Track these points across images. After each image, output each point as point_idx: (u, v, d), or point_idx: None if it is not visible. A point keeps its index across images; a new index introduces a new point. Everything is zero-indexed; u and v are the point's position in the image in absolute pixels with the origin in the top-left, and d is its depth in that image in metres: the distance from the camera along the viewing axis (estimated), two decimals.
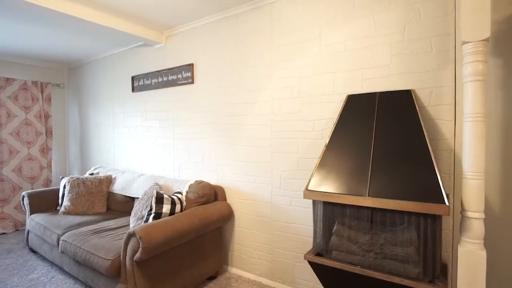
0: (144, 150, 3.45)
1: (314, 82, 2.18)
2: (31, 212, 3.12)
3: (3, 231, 3.82)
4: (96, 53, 3.95)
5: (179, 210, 2.29)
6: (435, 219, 1.43)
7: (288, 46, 2.29)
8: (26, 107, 4.19)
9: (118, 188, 3.17)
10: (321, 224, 1.82)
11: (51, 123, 4.47)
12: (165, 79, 3.17)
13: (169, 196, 2.29)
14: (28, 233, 3.12)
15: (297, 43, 2.25)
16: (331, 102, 2.12)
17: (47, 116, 4.41)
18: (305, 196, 1.76)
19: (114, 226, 2.56)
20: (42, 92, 4.35)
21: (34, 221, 2.92)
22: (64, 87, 4.76)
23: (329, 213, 1.77)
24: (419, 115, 1.63)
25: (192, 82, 2.92)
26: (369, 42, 1.96)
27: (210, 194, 2.46)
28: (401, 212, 1.51)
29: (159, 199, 2.20)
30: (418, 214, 1.46)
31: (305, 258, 1.75)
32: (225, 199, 2.65)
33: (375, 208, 1.58)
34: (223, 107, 2.70)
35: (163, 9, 2.61)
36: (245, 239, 2.59)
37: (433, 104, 1.76)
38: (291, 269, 2.33)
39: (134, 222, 2.43)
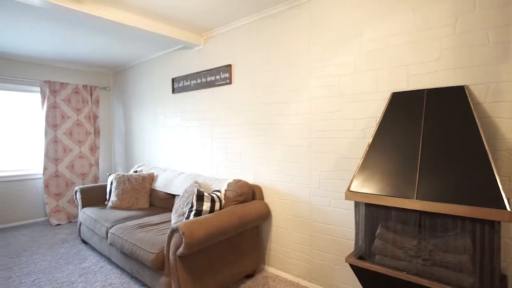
0: (184, 149, 3.58)
1: (355, 80, 2.12)
2: (83, 206, 3.38)
3: (58, 222, 4.18)
4: (139, 57, 4.17)
5: (218, 208, 2.35)
6: (494, 225, 1.32)
7: (327, 44, 2.25)
8: (77, 109, 4.54)
9: (159, 185, 3.32)
10: (363, 226, 1.76)
11: (99, 124, 4.80)
12: (203, 80, 3.26)
13: (209, 194, 2.36)
14: (80, 225, 3.38)
15: (337, 40, 2.20)
16: (373, 100, 2.04)
17: (95, 117, 4.74)
18: (347, 198, 1.71)
19: (157, 222, 2.69)
20: (91, 95, 4.69)
21: (86, 214, 3.16)
22: (110, 90, 5.09)
23: (372, 215, 1.71)
24: (474, 113, 1.51)
25: (230, 83, 2.97)
26: (415, 36, 1.86)
27: (248, 193, 2.49)
28: (454, 217, 1.41)
29: (200, 197, 2.27)
30: (473, 220, 1.36)
31: (346, 261, 1.71)
32: (262, 198, 2.67)
33: (423, 211, 1.50)
34: (260, 107, 2.72)
35: (203, 12, 2.69)
36: (282, 239, 2.59)
37: (490, 100, 1.62)
38: (330, 272, 2.28)
39: (175, 218, 2.52)
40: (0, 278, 2.59)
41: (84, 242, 3.42)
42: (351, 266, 1.70)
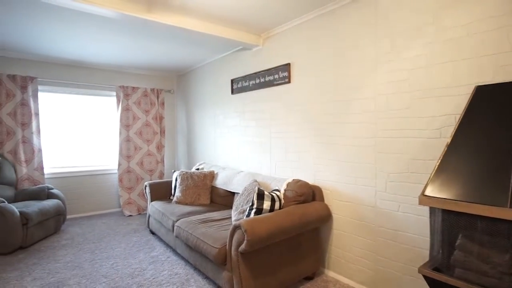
0: (242, 148, 3.66)
1: (429, 74, 1.93)
2: (151, 199, 3.67)
3: (130, 214, 4.61)
4: (200, 61, 4.39)
5: (278, 208, 2.35)
6: None
7: (395, 36, 2.09)
8: (146, 110, 4.95)
9: (220, 182, 3.45)
10: (440, 235, 1.59)
11: (164, 124, 5.18)
12: (262, 80, 3.29)
13: (269, 193, 2.37)
14: (149, 217, 3.68)
15: (407, 31, 2.03)
16: (451, 95, 1.84)
17: (161, 118, 5.13)
18: (421, 203, 1.57)
19: (218, 218, 2.79)
20: (157, 97, 5.08)
21: (154, 207, 3.43)
22: (174, 92, 5.46)
23: (451, 223, 1.54)
24: None
25: (289, 82, 2.95)
26: (505, 20, 1.62)
27: (308, 194, 2.44)
28: None
29: (260, 196, 2.29)
30: None
31: (420, 272, 1.56)
32: (322, 199, 2.59)
33: None
34: (320, 106, 2.65)
35: (262, 13, 2.71)
36: (344, 242, 2.48)
37: None
38: (397, 281, 2.12)
39: (236, 215, 2.59)
40: (87, 259, 2.95)
41: (152, 233, 3.72)
42: (426, 278, 1.55)
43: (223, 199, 3.42)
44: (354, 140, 2.38)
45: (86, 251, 3.17)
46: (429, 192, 1.56)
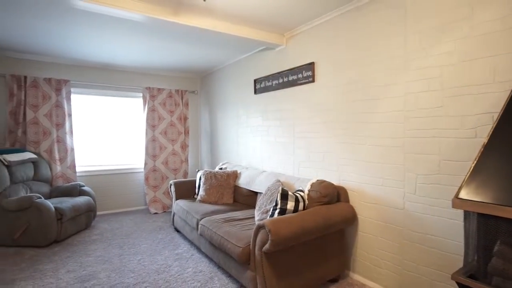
0: (265, 148, 3.66)
1: (463, 71, 1.83)
2: (176, 198, 3.76)
3: (155, 211, 4.74)
4: (224, 61, 4.43)
5: (302, 208, 2.33)
6: None
7: (426, 32, 2.01)
8: (171, 111, 5.08)
9: (243, 182, 3.48)
10: (475, 240, 1.51)
11: (188, 124, 5.29)
12: (285, 79, 3.28)
13: (293, 193, 2.35)
14: (173, 215, 3.77)
15: (439, 27, 1.94)
16: (487, 93, 1.74)
17: (185, 118, 5.24)
18: (455, 206, 1.49)
19: (242, 217, 2.81)
20: (182, 98, 5.19)
21: (179, 206, 3.50)
22: (197, 93, 5.56)
23: (488, 228, 1.45)
24: None
25: (313, 81, 2.91)
26: None
27: (333, 195, 2.40)
28: None
29: (284, 196, 2.28)
30: None
31: (453, 278, 1.49)
32: (347, 201, 2.54)
33: None
34: (346, 105, 2.59)
35: (285, 12, 2.70)
36: (369, 245, 2.42)
37: None
38: (426, 287, 2.03)
39: (259, 215, 2.60)
40: (115, 254, 3.07)
41: (176, 230, 3.81)
42: (459, 285, 1.48)
43: (246, 199, 3.43)
44: (381, 140, 2.31)
45: (115, 246, 3.30)
46: (464, 195, 1.49)
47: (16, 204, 3.20)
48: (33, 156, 3.87)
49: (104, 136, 4.81)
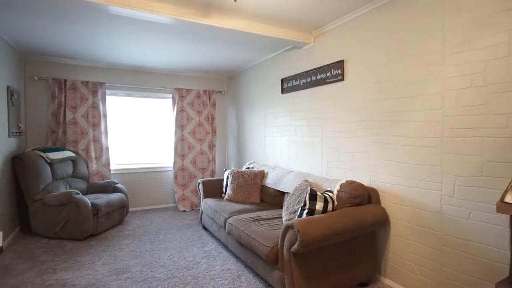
0: (292, 148, 3.63)
1: (510, 65, 1.70)
2: (204, 196, 3.83)
3: (184, 209, 4.86)
4: (251, 61, 4.45)
5: (331, 209, 2.28)
6: None
7: (467, 24, 1.88)
8: (199, 111, 5.18)
9: (270, 182, 3.47)
10: None
11: (215, 124, 5.37)
12: (313, 78, 3.23)
13: (322, 194, 2.31)
14: (201, 213, 3.84)
15: (482, 18, 1.81)
16: None
17: (212, 118, 5.32)
18: (500, 211, 1.39)
19: (269, 217, 2.80)
20: (209, 98, 5.28)
21: (207, 204, 3.56)
22: (224, 93, 5.63)
23: None
24: None
25: (342, 79, 2.84)
26: None
27: (363, 196, 2.32)
28: None
29: (313, 196, 2.24)
30: None
31: None
32: (379, 202, 2.45)
33: None
34: (378, 103, 2.50)
35: (313, 10, 2.65)
36: (402, 249, 2.32)
37: None
38: None
39: (287, 215, 2.58)
40: (147, 249, 3.18)
41: (204, 228, 3.88)
42: None
43: (273, 198, 3.42)
44: (416, 140, 2.20)
45: (146, 242, 3.42)
46: (510, 199, 1.38)
47: (57, 200, 3.41)
48: (72, 154, 4.11)
49: (136, 135, 5.01)
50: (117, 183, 4.32)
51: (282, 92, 3.80)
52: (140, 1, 2.43)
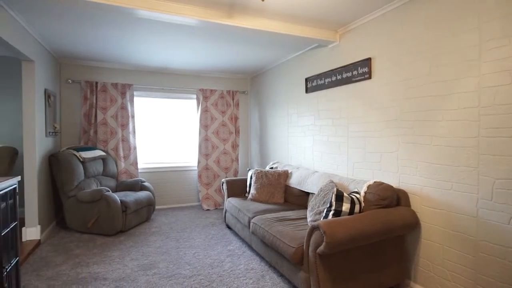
0: (316, 148, 3.58)
1: None
2: (228, 196, 3.86)
3: (208, 208, 4.94)
4: (274, 61, 4.44)
5: (358, 211, 2.22)
6: None
7: (507, 17, 1.77)
8: (222, 111, 5.24)
9: (294, 182, 3.44)
10: None
11: (239, 124, 5.40)
12: (338, 77, 3.17)
13: (348, 195, 2.26)
14: (225, 212, 3.88)
15: None
16: None
17: (236, 118, 5.36)
18: None
19: (294, 217, 2.78)
20: (233, 99, 5.33)
21: (231, 203, 3.60)
22: (247, 93, 5.65)
23: None
24: None
25: (369, 78, 2.77)
26: None
27: (392, 198, 2.25)
28: None
29: (339, 197, 2.20)
30: None
31: None
32: (408, 205, 2.36)
33: None
34: (407, 102, 2.41)
35: (339, 7, 2.60)
36: (434, 254, 2.22)
37: None
38: None
39: (311, 216, 2.54)
40: (173, 246, 3.26)
41: (228, 227, 3.91)
42: None
43: (297, 199, 3.39)
44: (449, 140, 2.10)
45: (172, 239, 3.50)
46: None
47: (89, 196, 3.58)
48: (103, 153, 4.30)
49: (162, 135, 5.15)
50: (144, 182, 4.47)
51: (306, 91, 3.76)
52: (167, 4, 2.49)
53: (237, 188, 3.93)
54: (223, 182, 3.95)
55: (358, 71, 2.90)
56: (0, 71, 4.20)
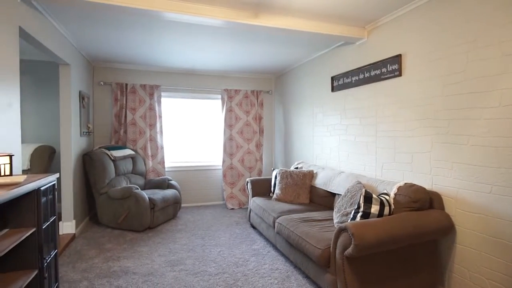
0: (343, 148, 3.50)
1: None
2: (253, 195, 3.87)
3: (232, 207, 4.98)
4: (299, 60, 4.40)
5: (387, 213, 2.15)
6: None
7: None
8: (246, 111, 5.26)
9: (319, 182, 3.39)
10: None
11: (263, 124, 5.40)
12: (366, 75, 3.07)
13: (378, 196, 2.19)
14: (250, 212, 3.89)
15: None
16: None
17: (260, 118, 5.36)
18: None
19: (319, 218, 2.74)
20: (257, 98, 5.34)
21: (255, 203, 3.60)
22: (272, 93, 5.64)
23: None
24: None
25: (400, 75, 2.66)
26: None
27: (424, 200, 2.15)
28: None
29: (368, 198, 2.14)
30: None
31: None
32: (442, 208, 2.24)
33: None
34: (441, 100, 2.29)
35: (366, 3, 2.52)
36: (471, 261, 2.09)
37: None
38: None
39: (338, 217, 2.49)
40: (198, 244, 3.32)
41: (252, 226, 3.92)
42: None
43: (322, 200, 3.34)
44: (490, 139, 1.97)
45: (198, 236, 3.57)
46: None
47: (120, 193, 3.73)
48: (132, 152, 4.46)
49: (188, 135, 5.26)
50: (171, 180, 4.58)
51: (332, 90, 3.69)
52: (193, 7, 2.54)
53: (262, 188, 3.93)
54: (247, 182, 3.97)
55: (388, 68, 2.80)
56: (39, 75, 4.48)
